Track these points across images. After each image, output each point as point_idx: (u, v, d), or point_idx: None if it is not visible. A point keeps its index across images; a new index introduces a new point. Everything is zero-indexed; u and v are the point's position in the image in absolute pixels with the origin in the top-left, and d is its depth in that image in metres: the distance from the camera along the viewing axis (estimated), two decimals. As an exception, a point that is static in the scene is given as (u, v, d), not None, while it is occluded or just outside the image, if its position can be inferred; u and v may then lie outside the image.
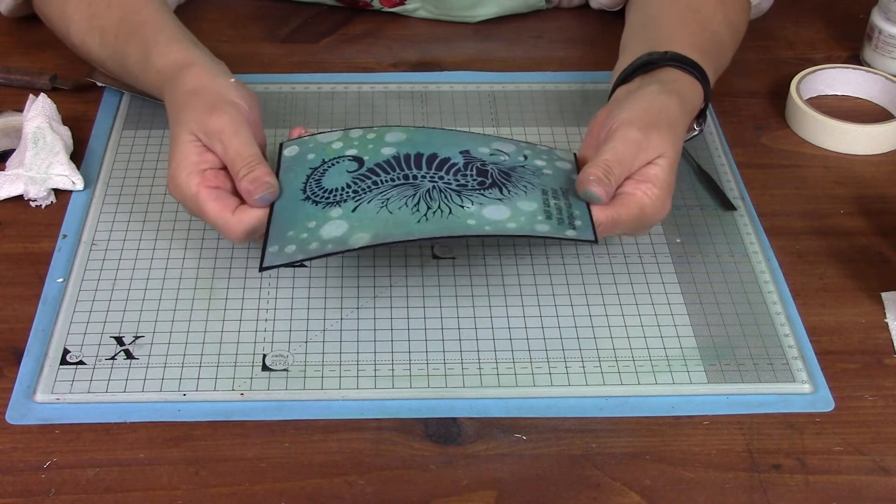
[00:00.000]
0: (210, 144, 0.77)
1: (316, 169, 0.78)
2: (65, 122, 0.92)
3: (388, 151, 0.79)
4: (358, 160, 0.79)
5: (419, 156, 0.79)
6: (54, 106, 0.92)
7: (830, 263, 0.83)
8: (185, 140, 0.77)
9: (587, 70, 1.04)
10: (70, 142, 0.91)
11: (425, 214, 0.73)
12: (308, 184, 0.77)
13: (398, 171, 0.77)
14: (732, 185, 0.90)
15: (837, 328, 0.78)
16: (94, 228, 0.84)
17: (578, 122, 0.96)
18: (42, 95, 0.91)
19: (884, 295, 0.80)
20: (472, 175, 0.77)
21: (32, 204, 0.86)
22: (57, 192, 0.87)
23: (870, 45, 1.05)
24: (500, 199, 0.74)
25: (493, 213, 0.73)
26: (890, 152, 0.95)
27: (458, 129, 0.88)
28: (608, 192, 0.74)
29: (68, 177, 0.87)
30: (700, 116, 0.86)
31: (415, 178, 0.76)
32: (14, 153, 0.89)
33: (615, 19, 1.06)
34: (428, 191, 0.75)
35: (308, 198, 0.76)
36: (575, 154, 0.82)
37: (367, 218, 0.73)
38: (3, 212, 0.86)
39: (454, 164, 0.78)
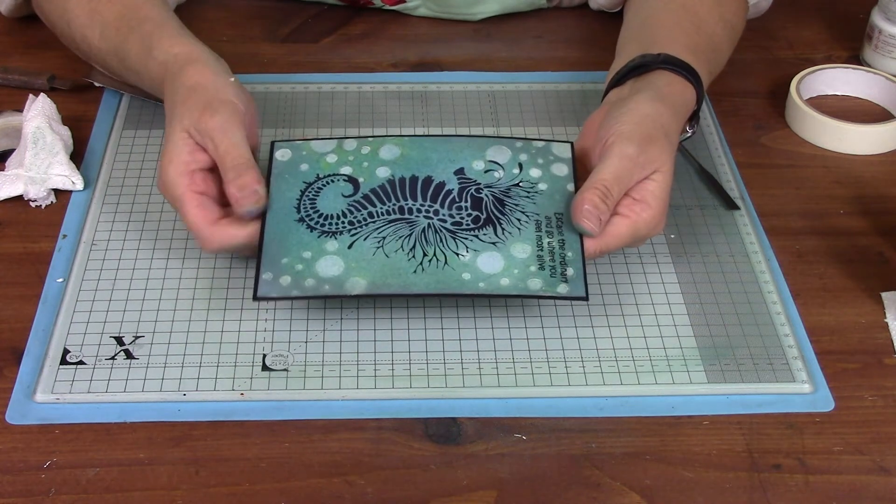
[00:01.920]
0: (202, 143, 0.77)
1: (310, 185, 0.79)
2: (64, 122, 0.92)
3: (382, 173, 0.80)
4: (353, 182, 0.79)
5: (414, 180, 0.79)
6: (54, 106, 0.92)
7: (830, 263, 0.83)
8: (178, 138, 0.77)
9: (587, 70, 1.04)
10: (70, 142, 0.91)
11: (421, 263, 0.74)
12: (302, 202, 0.78)
13: (393, 200, 0.78)
14: (732, 185, 0.90)
15: (837, 328, 0.78)
16: (94, 228, 0.84)
17: (578, 122, 0.96)
18: (42, 95, 0.91)
19: (884, 295, 0.80)
20: (466, 208, 0.77)
21: (32, 204, 0.86)
22: (57, 192, 0.87)
23: (870, 45, 1.05)
24: (494, 244, 0.75)
25: (488, 265, 0.74)
26: (890, 152, 0.95)
27: (451, 134, 0.88)
28: (603, 220, 0.74)
29: (68, 177, 0.87)
30: (693, 118, 0.86)
31: (410, 210, 0.77)
32: (14, 153, 0.89)
33: (615, 20, 1.06)
34: (423, 230, 0.76)
35: (302, 219, 0.76)
36: (571, 144, 0.82)
37: (364, 259, 0.74)
38: (3, 212, 0.86)
39: (449, 192, 0.78)
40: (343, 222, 0.76)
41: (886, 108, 1.00)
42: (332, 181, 0.79)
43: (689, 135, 0.87)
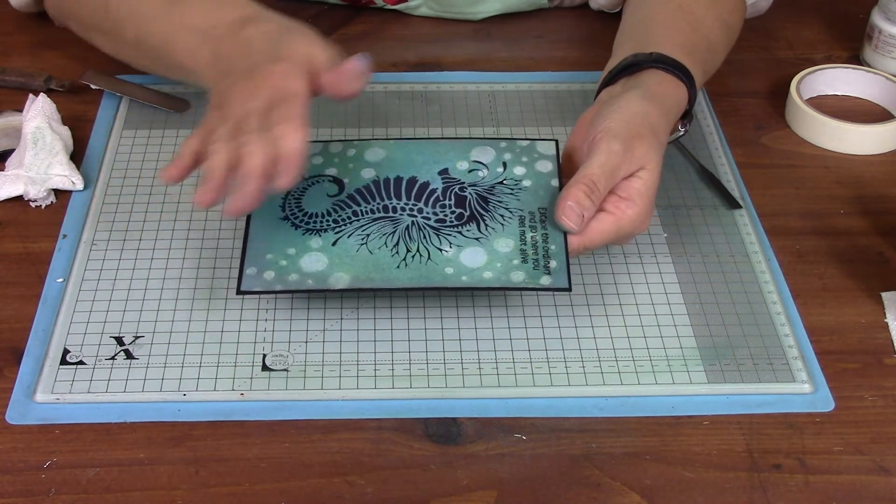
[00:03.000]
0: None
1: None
2: (64, 122, 0.92)
3: (367, 175, 0.80)
4: (338, 182, 0.79)
5: (398, 181, 0.80)
6: (54, 106, 0.92)
7: (830, 263, 0.83)
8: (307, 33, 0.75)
9: (587, 70, 1.04)
10: (70, 142, 0.91)
11: (404, 259, 0.74)
12: (287, 201, 0.78)
13: (377, 200, 0.78)
14: (733, 185, 0.90)
15: (837, 328, 0.78)
16: (94, 228, 0.84)
17: (578, 122, 0.96)
18: (42, 95, 0.91)
19: (884, 295, 0.80)
20: (450, 206, 0.78)
21: (32, 204, 0.86)
22: (57, 192, 0.87)
23: (870, 45, 1.05)
24: (477, 240, 0.75)
25: (471, 259, 0.74)
26: (890, 152, 0.95)
27: (436, 137, 0.88)
28: (587, 216, 0.74)
29: (68, 177, 0.87)
30: (686, 117, 0.86)
31: (394, 209, 0.77)
32: (14, 153, 0.89)
33: (615, 20, 1.06)
34: (407, 227, 0.76)
35: (287, 218, 0.77)
36: (556, 141, 0.83)
37: (347, 256, 0.74)
38: (3, 212, 0.86)
39: (433, 192, 0.79)
40: (328, 220, 0.77)
41: (886, 108, 1.00)
42: (318, 181, 0.80)
43: (681, 133, 0.87)
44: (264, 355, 0.74)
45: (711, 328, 0.77)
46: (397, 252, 0.75)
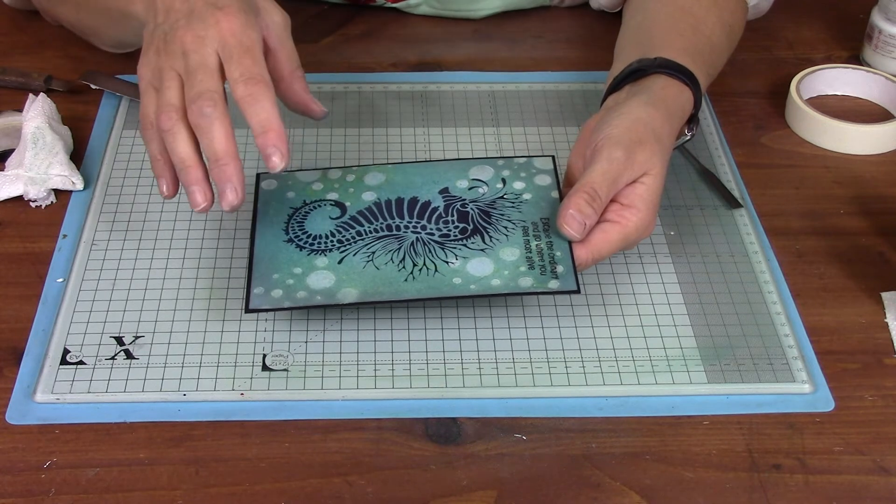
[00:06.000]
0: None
1: (297, 210, 0.80)
2: (64, 122, 0.92)
3: (368, 197, 0.81)
4: (340, 206, 0.80)
5: (400, 201, 0.80)
6: (54, 106, 0.92)
7: (830, 263, 0.83)
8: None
9: (587, 70, 1.04)
10: (70, 142, 0.91)
11: (411, 272, 0.74)
12: (290, 224, 0.78)
13: (380, 220, 0.79)
14: (732, 185, 0.90)
15: (837, 328, 0.78)
16: (94, 228, 0.84)
17: (578, 122, 0.96)
18: (42, 95, 0.91)
19: (884, 295, 0.80)
20: (453, 222, 0.78)
21: (32, 204, 0.86)
22: (57, 192, 0.87)
23: (870, 45, 1.05)
24: (482, 250, 0.75)
25: (478, 269, 0.74)
26: (890, 152, 0.95)
27: (434, 160, 0.88)
28: (589, 224, 0.74)
29: (68, 177, 0.87)
30: (691, 121, 0.86)
31: (398, 228, 0.78)
32: (14, 153, 0.89)
33: (615, 20, 1.06)
34: (412, 243, 0.76)
35: (291, 240, 0.77)
36: (553, 157, 0.83)
37: (354, 272, 0.74)
38: (3, 212, 0.86)
39: (435, 209, 0.79)
40: (332, 241, 0.77)
41: (886, 108, 1.00)
42: (319, 206, 0.80)
43: (687, 138, 0.87)
44: (264, 355, 0.74)
45: (711, 328, 0.77)
46: (404, 267, 0.75)
